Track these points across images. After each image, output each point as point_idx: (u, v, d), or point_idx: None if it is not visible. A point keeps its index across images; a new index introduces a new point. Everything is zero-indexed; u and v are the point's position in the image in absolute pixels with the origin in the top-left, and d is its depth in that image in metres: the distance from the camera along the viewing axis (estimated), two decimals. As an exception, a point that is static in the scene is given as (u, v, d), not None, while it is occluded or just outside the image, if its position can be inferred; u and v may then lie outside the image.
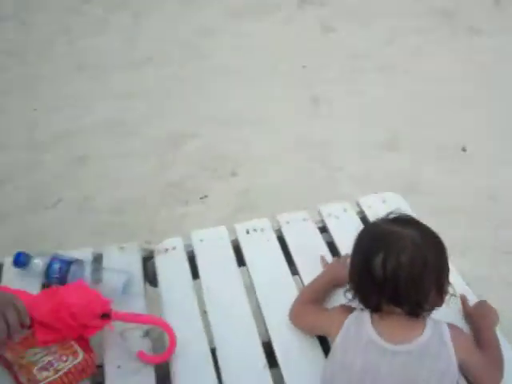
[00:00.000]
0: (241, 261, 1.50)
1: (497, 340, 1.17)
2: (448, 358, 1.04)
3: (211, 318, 1.31)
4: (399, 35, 4.00)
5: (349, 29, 4.15)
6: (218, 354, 1.23)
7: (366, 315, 1.10)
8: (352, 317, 1.11)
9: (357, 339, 1.07)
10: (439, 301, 1.08)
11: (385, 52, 3.87)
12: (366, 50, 3.89)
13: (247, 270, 1.46)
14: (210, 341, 1.26)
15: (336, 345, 1.09)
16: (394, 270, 1.03)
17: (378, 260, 1.04)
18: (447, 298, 1.10)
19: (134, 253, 1.50)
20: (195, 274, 1.45)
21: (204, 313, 1.33)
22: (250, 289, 1.40)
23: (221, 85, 3.56)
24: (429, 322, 1.08)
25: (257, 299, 1.36)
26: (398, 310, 1.07)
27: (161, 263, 1.47)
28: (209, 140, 3.09)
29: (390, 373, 1.03)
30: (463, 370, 1.08)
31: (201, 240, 1.54)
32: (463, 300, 1.29)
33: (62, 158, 3.00)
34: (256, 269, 1.45)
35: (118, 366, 1.17)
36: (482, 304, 1.28)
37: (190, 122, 3.24)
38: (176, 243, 1.54)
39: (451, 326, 1.10)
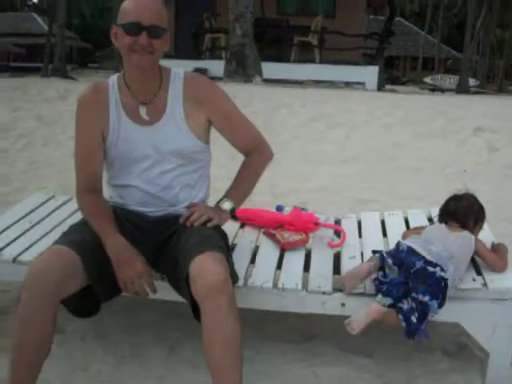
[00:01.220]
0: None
1: (506, 249, 2.20)
2: (469, 243, 2.13)
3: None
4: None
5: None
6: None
7: (442, 225, 2.24)
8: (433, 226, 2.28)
9: (438, 230, 2.20)
10: (474, 230, 2.19)
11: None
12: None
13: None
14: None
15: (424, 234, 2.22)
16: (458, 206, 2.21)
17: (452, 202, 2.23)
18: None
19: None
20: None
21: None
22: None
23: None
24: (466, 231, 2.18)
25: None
26: (456, 224, 2.21)
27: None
28: None
29: (454, 241, 2.13)
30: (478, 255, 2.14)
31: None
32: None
33: None
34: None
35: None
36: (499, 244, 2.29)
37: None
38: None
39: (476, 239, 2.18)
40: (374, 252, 2.19)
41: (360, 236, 2.52)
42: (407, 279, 1.98)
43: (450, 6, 36.22)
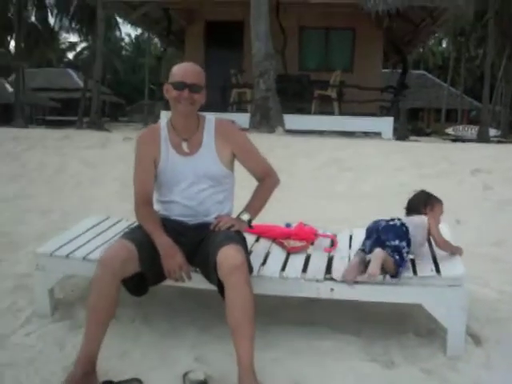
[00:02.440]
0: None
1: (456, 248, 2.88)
2: (423, 222, 2.81)
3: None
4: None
5: (504, 185, 5.87)
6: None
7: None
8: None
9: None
10: (429, 213, 2.89)
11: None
12: None
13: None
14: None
15: None
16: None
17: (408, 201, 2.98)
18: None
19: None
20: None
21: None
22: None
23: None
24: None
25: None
26: (414, 214, 2.91)
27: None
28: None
29: (409, 219, 2.84)
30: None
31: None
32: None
33: None
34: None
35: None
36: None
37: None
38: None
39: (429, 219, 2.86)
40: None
41: (350, 245, 3.19)
42: (378, 236, 2.72)
43: (472, 58, 37.14)
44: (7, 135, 9.23)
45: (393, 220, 2.80)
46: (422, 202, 2.96)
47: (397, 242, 2.70)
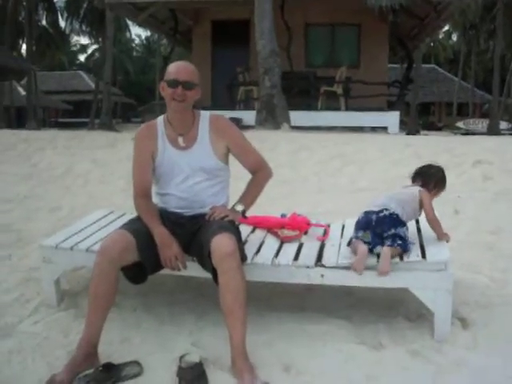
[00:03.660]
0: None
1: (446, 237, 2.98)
2: (413, 195, 2.95)
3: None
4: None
5: (503, 176, 5.94)
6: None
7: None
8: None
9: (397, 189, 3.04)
10: (432, 191, 3.05)
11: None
12: None
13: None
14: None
15: None
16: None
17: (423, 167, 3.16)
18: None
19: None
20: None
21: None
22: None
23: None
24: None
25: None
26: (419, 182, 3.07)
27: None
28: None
29: (400, 191, 2.98)
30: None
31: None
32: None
33: None
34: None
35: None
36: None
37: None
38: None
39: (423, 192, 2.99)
40: (350, 240, 2.99)
41: (342, 234, 3.30)
42: (374, 231, 2.85)
43: (483, 52, 36.94)
44: (19, 137, 9.46)
45: (381, 212, 2.90)
46: (434, 179, 3.11)
47: (393, 231, 2.83)
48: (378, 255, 2.79)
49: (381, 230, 2.85)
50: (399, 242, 2.80)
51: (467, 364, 2.56)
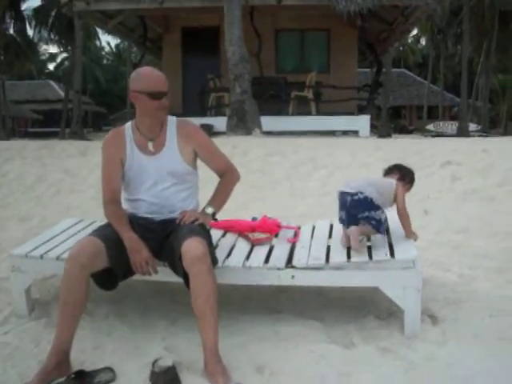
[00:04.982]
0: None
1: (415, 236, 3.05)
2: (391, 185, 3.01)
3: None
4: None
5: (471, 176, 6.06)
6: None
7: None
8: None
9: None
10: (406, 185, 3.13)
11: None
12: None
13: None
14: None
15: None
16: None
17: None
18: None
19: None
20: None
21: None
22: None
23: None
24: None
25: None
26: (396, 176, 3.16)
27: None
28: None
29: (378, 179, 3.08)
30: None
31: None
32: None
33: None
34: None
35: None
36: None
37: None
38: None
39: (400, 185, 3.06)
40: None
41: (312, 236, 3.33)
42: (349, 212, 2.98)
43: (451, 55, 37.54)
44: (-13, 147, 9.30)
45: (356, 194, 2.96)
46: (410, 175, 3.23)
47: (366, 214, 2.95)
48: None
49: (355, 212, 2.96)
50: (373, 222, 2.93)
51: (437, 359, 2.61)
